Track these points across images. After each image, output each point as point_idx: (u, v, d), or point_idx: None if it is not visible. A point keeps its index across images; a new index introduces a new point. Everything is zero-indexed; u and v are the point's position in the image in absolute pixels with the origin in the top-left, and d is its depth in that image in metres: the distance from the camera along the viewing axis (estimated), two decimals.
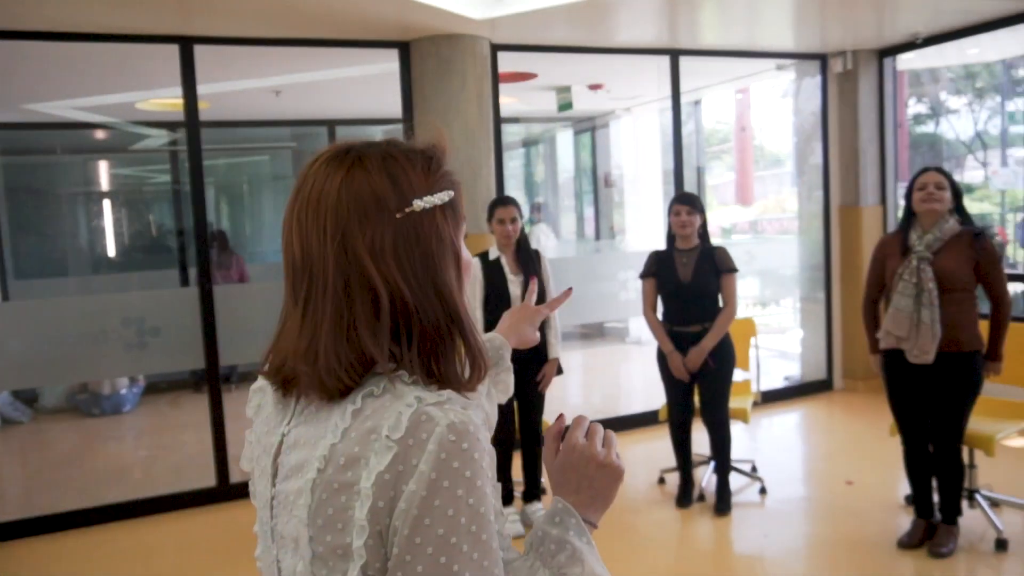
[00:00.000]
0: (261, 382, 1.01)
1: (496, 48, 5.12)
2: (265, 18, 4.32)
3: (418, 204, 0.88)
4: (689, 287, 3.97)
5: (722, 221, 13.76)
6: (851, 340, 6.25)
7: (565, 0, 4.38)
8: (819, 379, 6.35)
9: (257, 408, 1.01)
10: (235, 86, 6.02)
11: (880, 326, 3.55)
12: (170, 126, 7.44)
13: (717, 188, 15.65)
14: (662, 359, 4.13)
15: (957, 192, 3.40)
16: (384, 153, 0.90)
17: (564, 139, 9.75)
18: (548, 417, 4.11)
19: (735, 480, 4.37)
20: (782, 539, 3.85)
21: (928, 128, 13.53)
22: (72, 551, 4.09)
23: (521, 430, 4.02)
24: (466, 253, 0.98)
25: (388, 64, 5.10)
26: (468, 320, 0.92)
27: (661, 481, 4.59)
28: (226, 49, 4.71)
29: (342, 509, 0.81)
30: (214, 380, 4.64)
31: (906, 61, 6.41)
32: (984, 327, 3.43)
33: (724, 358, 3.99)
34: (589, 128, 9.16)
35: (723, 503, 4.11)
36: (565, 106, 6.87)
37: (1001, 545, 3.50)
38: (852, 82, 6.07)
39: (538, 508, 4.09)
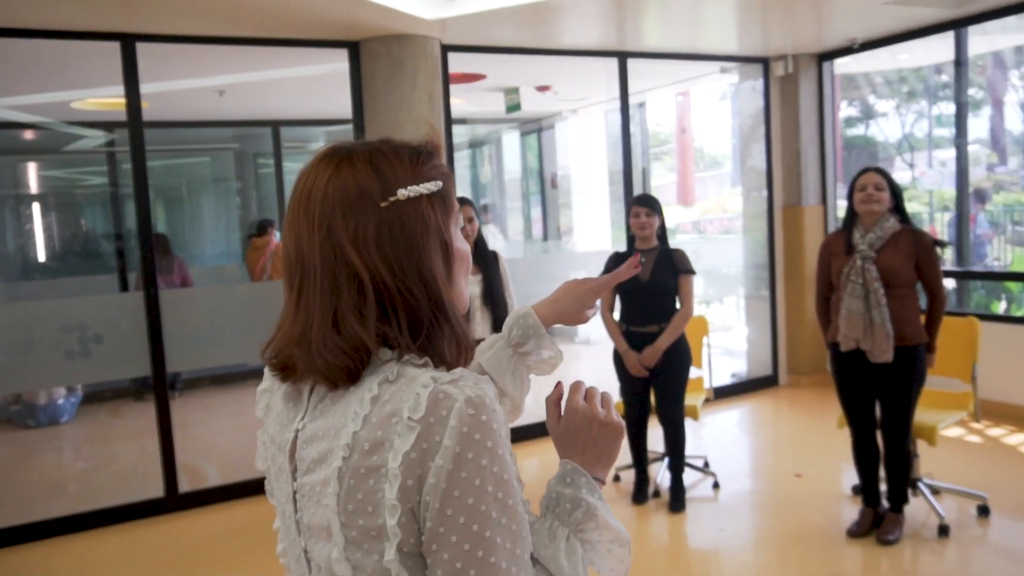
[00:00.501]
0: (267, 383, 1.05)
1: (446, 49, 5.10)
2: (211, 16, 4.22)
3: (402, 193, 0.92)
4: (647, 287, 4.02)
5: (666, 221, 13.97)
6: (795, 337, 6.42)
7: (513, 2, 4.40)
8: (765, 375, 6.51)
9: (266, 408, 1.04)
10: (177, 85, 5.87)
11: (832, 321, 3.66)
12: (107, 126, 7.20)
13: (659, 189, 15.89)
14: (618, 358, 4.17)
15: (896, 192, 3.52)
16: (373, 149, 0.95)
17: (510, 140, 9.78)
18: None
19: (688, 476, 4.44)
20: (736, 532, 3.93)
21: (859, 131, 13.99)
22: (10, 571, 3.93)
23: None
24: (461, 243, 1.00)
25: (336, 64, 5.04)
26: (451, 305, 0.95)
27: (616, 479, 4.65)
28: (167, 47, 4.59)
29: (371, 492, 0.84)
30: (161, 387, 4.51)
31: (840, 65, 6.61)
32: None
33: (681, 357, 4.06)
34: (535, 129, 9.21)
35: (678, 499, 4.17)
36: (513, 107, 6.89)
37: (943, 531, 3.64)
38: (793, 85, 6.24)
39: None
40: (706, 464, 4.67)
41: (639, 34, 5.46)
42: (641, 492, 4.27)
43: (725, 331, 8.58)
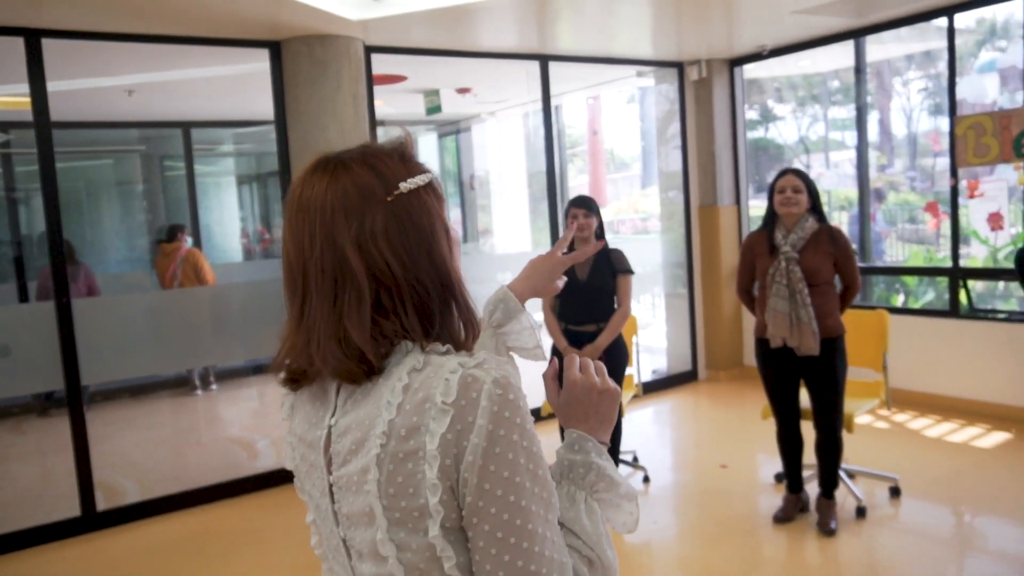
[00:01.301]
0: (289, 397, 1.09)
1: (370, 50, 5.05)
2: (122, 12, 4.05)
3: (404, 186, 0.98)
4: (586, 287, 4.08)
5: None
6: (713, 332, 6.64)
7: (436, 4, 4.40)
8: (685, 371, 6.70)
9: (290, 409, 1.08)
10: (82, 84, 5.59)
11: (758, 313, 3.80)
12: (1, 126, 6.79)
13: (573, 190, 16.12)
14: (558, 357, 4.21)
15: (813, 192, 3.66)
16: (363, 152, 1.01)
17: (427, 143, 9.74)
18: None
19: (620, 471, 4.53)
20: (669, 523, 4.04)
21: (759, 133, 14.58)
22: None
23: None
24: (453, 229, 1.07)
25: (255, 64, 4.92)
26: (460, 285, 1.02)
27: None
28: (73, 44, 4.37)
29: (410, 475, 0.90)
30: (75, 401, 4.29)
31: (746, 71, 6.88)
32: None
33: (618, 356, 4.14)
34: (453, 131, 9.20)
35: None
36: (434, 109, 6.86)
37: (861, 512, 3.85)
38: (707, 89, 6.46)
39: None
40: (635, 459, 4.77)
41: (560, 38, 5.54)
42: None
43: (644, 329, 8.79)
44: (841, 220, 9.51)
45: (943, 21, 5.21)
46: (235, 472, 4.86)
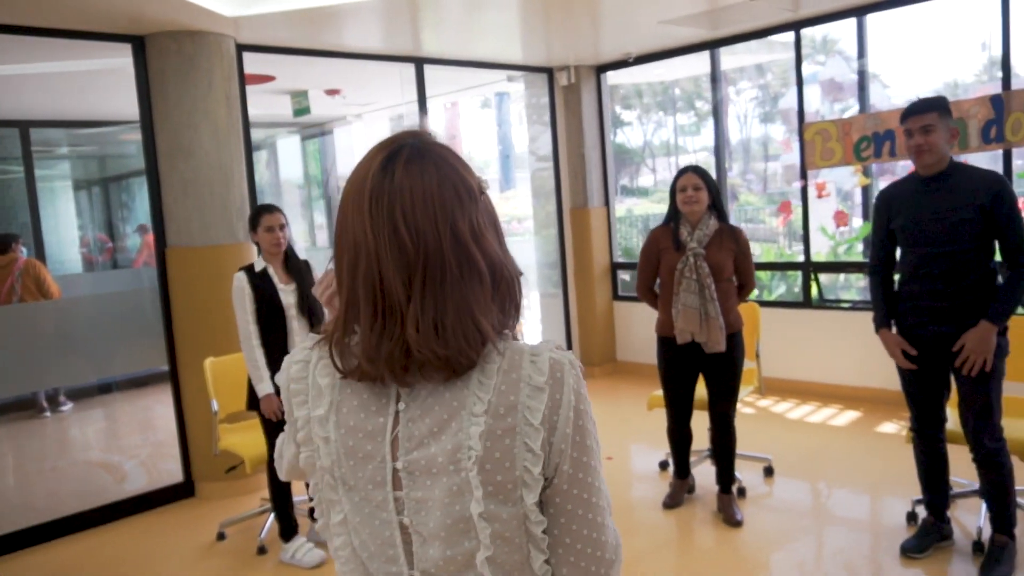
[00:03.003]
0: (328, 379, 1.05)
1: (241, 48, 4.85)
2: None
3: (484, 185, 1.04)
4: None
5: None
6: (587, 330, 6.85)
7: (308, 4, 4.29)
8: None
9: (331, 405, 1.05)
10: None
11: (661, 312, 3.87)
12: None
13: None
14: None
15: (712, 190, 3.75)
16: (445, 148, 1.03)
17: (290, 145, 9.43)
18: None
19: None
20: None
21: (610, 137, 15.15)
22: None
23: None
24: None
25: (112, 59, 4.60)
26: (518, 277, 1.08)
27: None
28: None
29: (507, 450, 0.97)
30: None
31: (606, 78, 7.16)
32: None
33: None
34: (318, 134, 8.97)
35: None
36: (302, 111, 6.67)
37: (741, 492, 4.11)
38: (576, 95, 6.67)
39: None
40: None
41: (434, 41, 5.54)
42: None
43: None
44: None
45: (781, 36, 5.68)
46: (101, 498, 4.52)
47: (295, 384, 1.09)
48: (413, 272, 0.96)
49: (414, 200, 0.97)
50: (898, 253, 3.29)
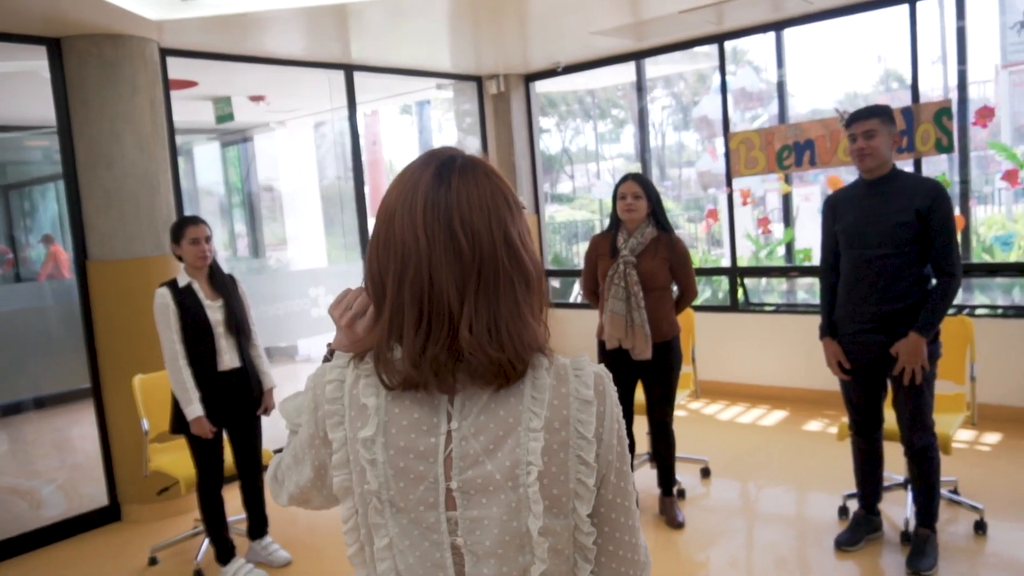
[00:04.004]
0: (374, 400, 1.03)
1: (165, 53, 4.67)
2: None
3: (521, 203, 1.06)
4: None
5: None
6: None
7: (235, 9, 4.17)
8: None
9: (378, 426, 1.02)
10: None
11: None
12: None
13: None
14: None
15: (652, 198, 3.77)
16: (484, 160, 1.06)
17: (208, 152, 9.14)
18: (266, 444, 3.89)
19: None
20: None
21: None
22: None
23: (241, 462, 3.75)
24: None
25: (20, 63, 4.36)
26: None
27: None
28: None
29: (562, 464, 0.99)
30: None
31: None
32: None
33: None
34: (239, 140, 8.72)
35: None
36: (224, 118, 6.47)
37: (681, 494, 4.21)
38: (505, 103, 6.70)
39: (269, 540, 3.85)
40: None
41: (363, 49, 5.47)
42: None
43: None
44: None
45: (703, 47, 5.87)
46: (16, 526, 4.26)
47: (329, 405, 1.05)
48: (468, 276, 0.98)
49: (471, 206, 0.99)
50: None
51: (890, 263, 3.14)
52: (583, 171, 15.42)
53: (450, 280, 0.97)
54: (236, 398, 3.62)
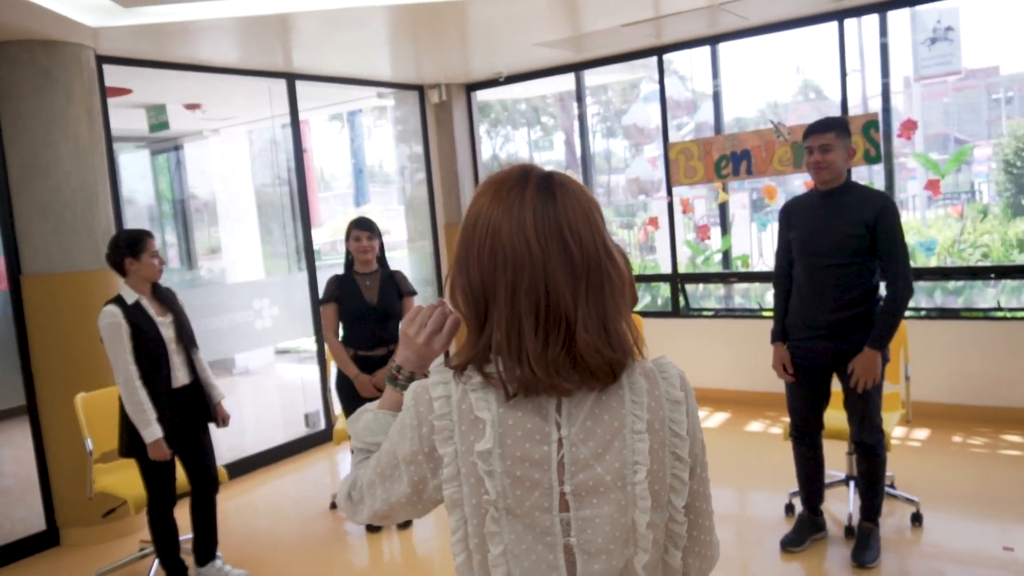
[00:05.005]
0: (486, 414, 1.06)
1: (101, 60, 4.53)
2: None
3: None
4: (375, 311, 4.03)
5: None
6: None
7: (166, 18, 4.08)
8: None
9: (496, 438, 1.06)
10: None
11: None
12: None
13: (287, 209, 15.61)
14: (344, 383, 4.10)
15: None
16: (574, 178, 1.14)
17: (137, 160, 8.85)
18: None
19: None
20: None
21: None
22: None
23: (196, 480, 3.65)
24: None
25: None
26: None
27: (334, 507, 4.57)
28: None
29: (662, 461, 1.08)
30: None
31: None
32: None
33: None
34: (170, 148, 8.48)
35: None
36: (159, 126, 6.31)
37: None
38: (447, 112, 6.71)
39: (220, 565, 3.75)
40: None
41: (304, 57, 5.41)
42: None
43: None
44: None
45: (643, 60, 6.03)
46: None
47: (438, 421, 1.08)
48: (579, 281, 1.05)
49: (576, 217, 1.06)
50: None
51: (842, 272, 3.27)
52: None
53: (565, 286, 1.04)
54: (188, 415, 3.53)
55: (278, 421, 6.52)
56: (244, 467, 5.27)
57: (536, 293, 1.04)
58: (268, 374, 8.11)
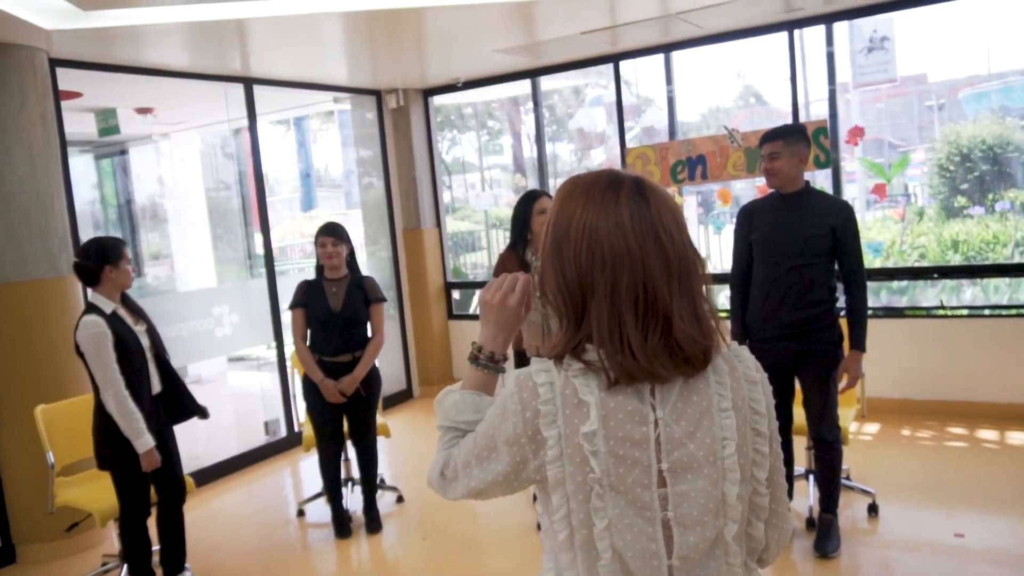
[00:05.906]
0: (591, 397, 1.14)
1: (54, 63, 4.42)
2: None
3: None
4: (341, 317, 4.02)
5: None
6: (424, 350, 6.89)
7: (121, 21, 4.01)
8: (401, 390, 6.85)
9: (600, 420, 1.14)
10: None
11: None
12: None
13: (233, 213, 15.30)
14: (310, 389, 4.08)
15: None
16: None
17: (81, 164, 8.60)
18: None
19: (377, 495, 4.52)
20: (439, 536, 4.15)
21: None
22: None
23: (165, 490, 3.59)
24: None
25: None
26: None
27: (301, 514, 4.53)
28: None
29: (745, 436, 1.18)
30: None
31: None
32: None
33: (375, 383, 4.15)
34: (116, 152, 8.27)
35: (375, 520, 4.24)
36: (109, 130, 6.16)
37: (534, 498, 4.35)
38: (405, 118, 6.71)
39: (189, 574, 3.70)
40: (382, 481, 4.79)
41: (264, 62, 5.36)
42: (344, 527, 4.20)
43: None
44: (498, 239, 10.43)
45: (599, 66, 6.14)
46: None
47: (543, 406, 1.16)
48: (672, 276, 1.14)
49: (667, 217, 1.16)
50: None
51: (805, 272, 3.41)
52: (460, 181, 15.55)
53: (662, 281, 1.13)
54: (162, 424, 3.49)
55: (236, 430, 6.41)
56: (205, 476, 5.19)
57: (636, 288, 1.13)
58: (222, 383, 7.97)
